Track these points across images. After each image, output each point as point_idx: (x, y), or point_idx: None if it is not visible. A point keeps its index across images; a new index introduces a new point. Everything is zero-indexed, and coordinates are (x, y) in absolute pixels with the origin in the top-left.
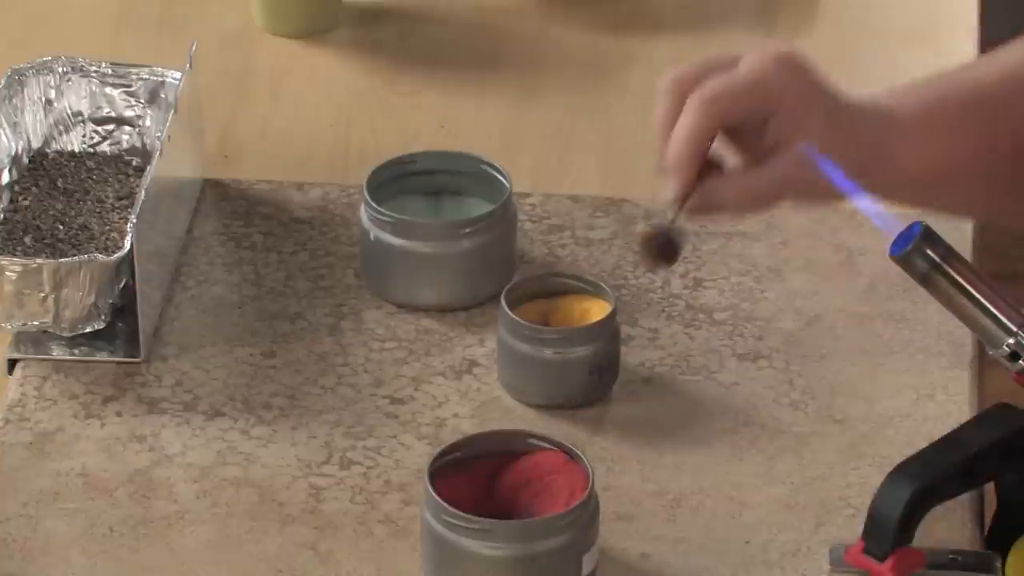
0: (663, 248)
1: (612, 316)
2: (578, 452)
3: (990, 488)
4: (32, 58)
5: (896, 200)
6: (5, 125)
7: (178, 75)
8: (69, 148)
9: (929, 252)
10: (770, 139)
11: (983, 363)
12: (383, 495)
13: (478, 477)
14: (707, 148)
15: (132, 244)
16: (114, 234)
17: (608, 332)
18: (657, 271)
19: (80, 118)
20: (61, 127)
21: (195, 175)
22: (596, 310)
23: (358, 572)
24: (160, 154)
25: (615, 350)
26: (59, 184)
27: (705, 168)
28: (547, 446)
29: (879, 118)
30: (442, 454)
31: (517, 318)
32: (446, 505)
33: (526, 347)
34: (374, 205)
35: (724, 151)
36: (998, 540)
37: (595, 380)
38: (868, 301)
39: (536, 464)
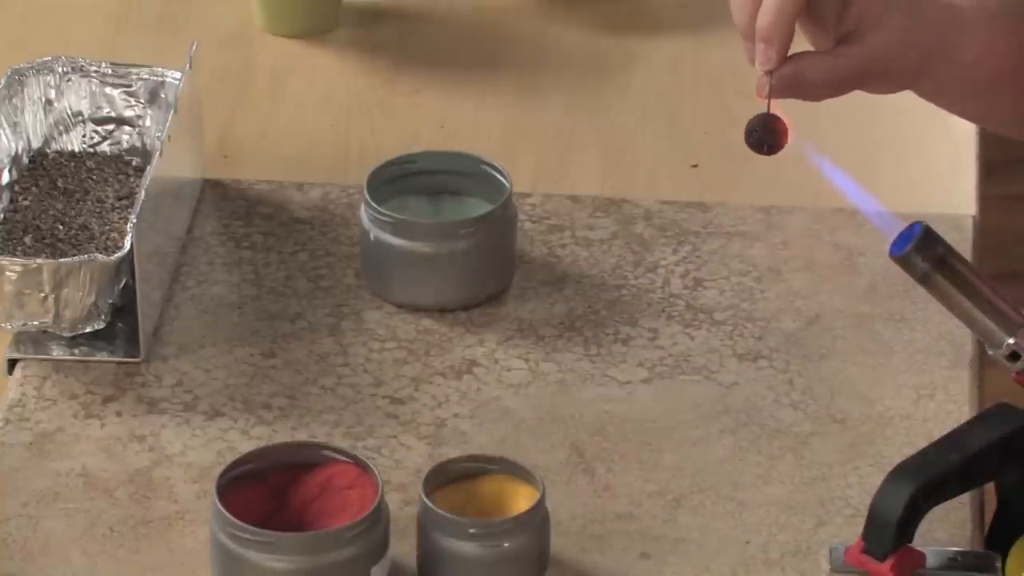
0: (764, 133)
1: (540, 503)
2: (370, 464)
3: (990, 488)
4: (32, 58)
5: (959, 102)
6: (5, 125)
7: (178, 75)
8: (69, 148)
9: (929, 252)
10: (850, 22)
11: (983, 363)
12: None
13: (270, 489)
14: (800, 12)
15: (132, 244)
16: (114, 234)
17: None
18: (768, 155)
19: (80, 118)
20: (61, 127)
21: (195, 175)
22: (523, 495)
23: None
24: (160, 154)
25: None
26: (59, 184)
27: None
28: (341, 458)
29: (948, 11)
30: (233, 466)
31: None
32: (232, 517)
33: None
34: (374, 205)
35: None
36: (998, 540)
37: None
38: (868, 301)
39: (329, 477)
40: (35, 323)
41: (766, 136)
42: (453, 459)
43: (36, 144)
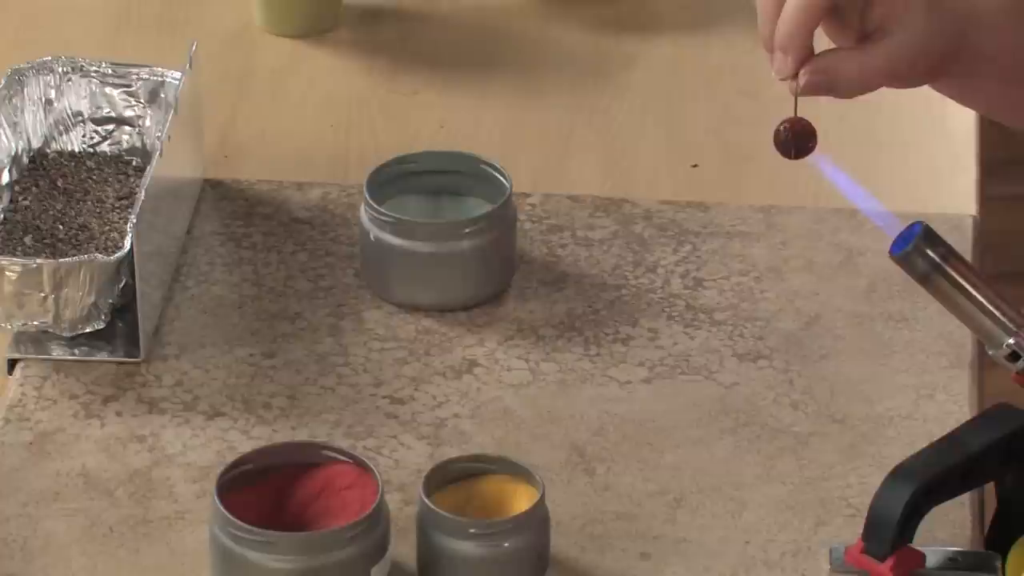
0: (790, 137)
1: (540, 502)
2: (370, 465)
3: (990, 488)
4: (32, 58)
5: (976, 95)
6: (5, 125)
7: (178, 75)
8: (69, 148)
9: (929, 252)
10: (874, 21)
11: (983, 363)
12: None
13: (270, 489)
14: (818, 23)
15: (132, 244)
16: (114, 234)
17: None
18: (795, 160)
19: (80, 118)
20: (61, 127)
21: (195, 175)
22: (523, 494)
23: None
24: (160, 154)
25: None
26: (59, 184)
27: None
28: (341, 458)
29: (969, 5)
30: (233, 466)
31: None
32: (231, 516)
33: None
34: (374, 205)
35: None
36: (998, 540)
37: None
38: (868, 301)
39: (329, 477)
40: (35, 323)
41: (793, 140)
42: (453, 459)
43: (36, 144)
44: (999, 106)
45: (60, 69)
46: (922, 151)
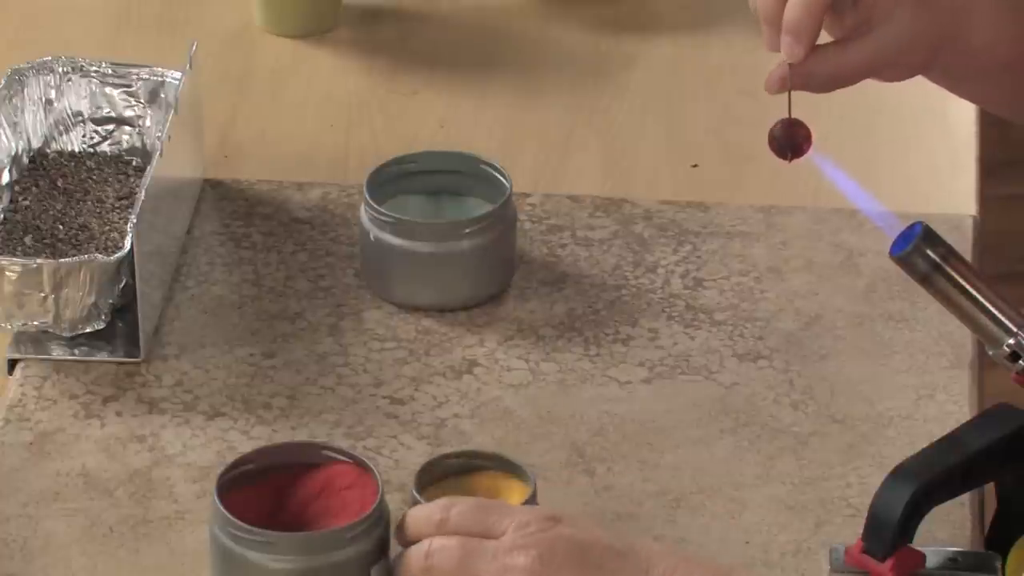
0: (786, 137)
1: (532, 499)
2: (370, 465)
3: (990, 488)
4: (32, 58)
5: (968, 86)
6: (5, 125)
7: (178, 75)
8: (69, 148)
9: (929, 252)
10: (862, 13)
11: (983, 363)
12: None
13: (270, 489)
14: (826, 9)
15: (132, 244)
16: (114, 234)
17: None
18: (790, 161)
19: (80, 118)
20: (61, 127)
21: (195, 175)
22: (516, 491)
23: None
24: (160, 154)
25: None
26: (59, 184)
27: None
28: (341, 458)
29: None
30: (233, 466)
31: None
32: (231, 516)
33: None
34: (374, 205)
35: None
36: (998, 540)
37: None
38: (868, 301)
39: (329, 477)
40: (35, 323)
41: (788, 142)
42: (446, 455)
43: (36, 144)
44: (988, 96)
45: (60, 69)
46: (922, 151)
